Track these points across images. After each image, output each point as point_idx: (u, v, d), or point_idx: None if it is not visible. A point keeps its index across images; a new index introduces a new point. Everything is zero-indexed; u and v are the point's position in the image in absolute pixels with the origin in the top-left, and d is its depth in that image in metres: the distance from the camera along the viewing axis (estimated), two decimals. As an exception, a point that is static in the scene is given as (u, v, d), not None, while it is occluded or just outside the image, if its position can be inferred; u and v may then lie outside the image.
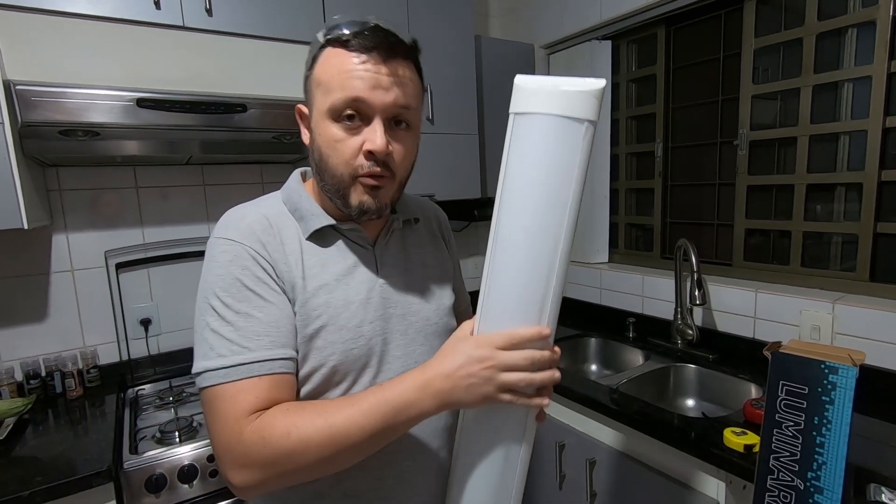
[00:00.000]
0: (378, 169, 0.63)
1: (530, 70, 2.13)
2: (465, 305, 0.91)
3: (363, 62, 0.61)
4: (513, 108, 0.56)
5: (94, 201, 1.54)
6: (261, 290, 0.62)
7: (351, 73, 0.61)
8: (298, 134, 1.42)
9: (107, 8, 1.19)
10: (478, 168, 1.91)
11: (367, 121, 0.63)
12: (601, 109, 0.55)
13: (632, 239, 2.07)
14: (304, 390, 0.66)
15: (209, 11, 1.31)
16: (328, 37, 0.63)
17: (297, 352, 0.64)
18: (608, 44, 1.95)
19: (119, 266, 1.57)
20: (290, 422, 0.57)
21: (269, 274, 0.63)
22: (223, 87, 1.33)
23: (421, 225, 0.82)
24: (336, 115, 0.62)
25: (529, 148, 0.55)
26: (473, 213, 2.05)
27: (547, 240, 0.57)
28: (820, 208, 1.48)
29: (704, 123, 1.76)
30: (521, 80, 0.55)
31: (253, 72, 1.39)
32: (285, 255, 0.65)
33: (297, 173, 0.75)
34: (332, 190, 0.66)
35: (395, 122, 0.64)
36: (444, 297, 0.79)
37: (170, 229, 1.65)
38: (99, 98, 1.15)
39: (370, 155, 0.62)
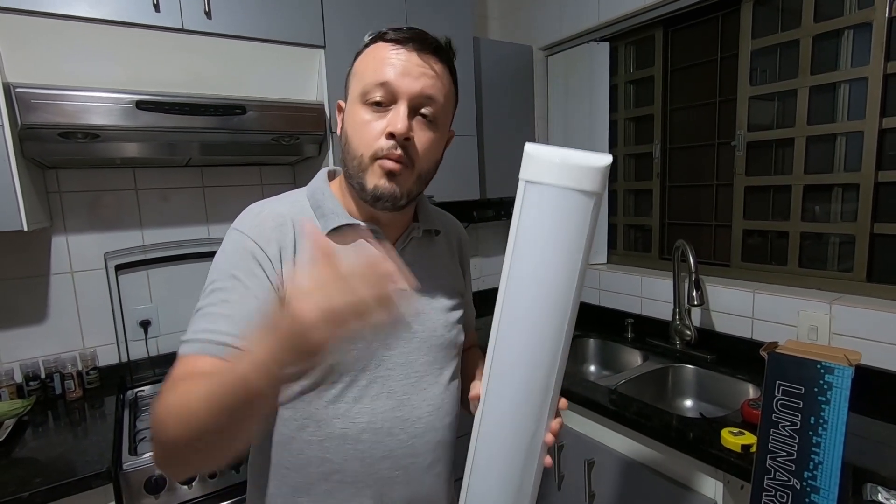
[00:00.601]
0: (397, 152, 0.64)
1: (528, 71, 2.14)
2: (471, 325, 0.90)
3: (396, 51, 0.65)
4: (523, 174, 0.58)
5: (93, 203, 1.54)
6: (248, 281, 0.63)
7: (384, 60, 0.65)
8: (297, 136, 1.45)
9: (106, 11, 1.20)
10: (476, 169, 1.91)
11: (393, 107, 0.65)
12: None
13: (630, 240, 2.08)
14: (299, 385, 0.67)
15: (208, 14, 1.31)
16: (371, 36, 0.68)
17: None
18: (606, 45, 1.95)
19: (118, 268, 1.57)
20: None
21: (263, 270, 0.64)
22: (222, 90, 1.34)
23: (441, 238, 0.82)
24: (365, 98, 0.65)
25: (539, 217, 0.58)
26: (472, 214, 2.05)
27: (555, 309, 0.59)
28: (818, 209, 1.49)
29: (702, 125, 1.76)
30: (531, 149, 0.58)
31: (252, 74, 1.40)
32: (293, 254, 0.66)
33: (324, 171, 0.76)
34: (353, 174, 0.67)
35: (422, 114, 0.66)
36: (453, 311, 0.79)
37: (169, 231, 1.65)
38: (98, 100, 1.15)
39: (391, 136, 0.64)
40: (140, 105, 1.19)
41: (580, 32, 1.96)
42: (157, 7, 1.25)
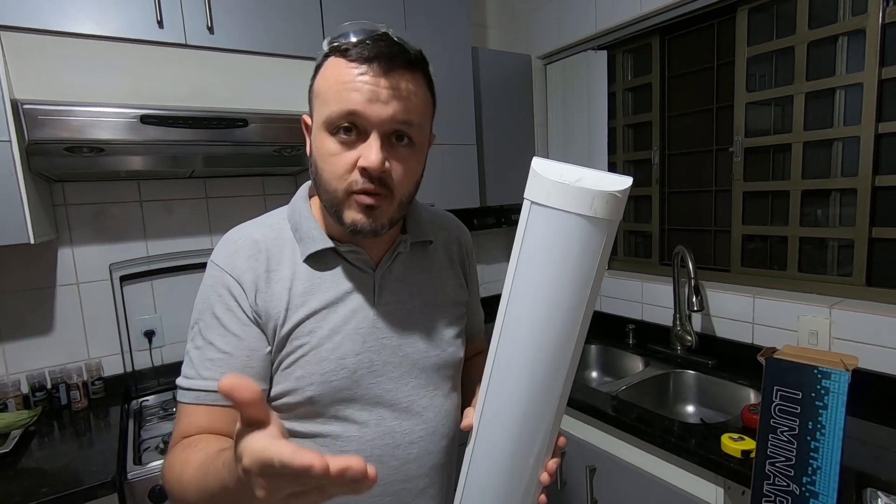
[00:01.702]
0: (372, 186, 0.59)
1: (527, 79, 2.16)
2: (479, 329, 0.87)
3: (361, 73, 0.57)
4: (529, 193, 0.51)
5: (98, 215, 1.56)
6: (227, 319, 0.63)
7: (348, 84, 0.57)
8: (298, 147, 1.47)
9: (111, 27, 1.22)
10: (476, 177, 1.93)
11: (364, 135, 0.59)
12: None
13: (631, 246, 2.09)
14: (287, 418, 0.65)
15: (210, 29, 1.34)
16: (332, 44, 0.60)
17: (268, 384, 0.65)
18: (604, 53, 1.97)
19: (123, 279, 1.59)
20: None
21: (240, 305, 0.63)
22: (225, 103, 1.36)
23: (437, 247, 0.76)
24: (332, 127, 0.59)
25: (544, 247, 0.51)
26: (473, 221, 2.07)
27: (557, 348, 0.53)
28: (818, 213, 1.49)
29: (700, 131, 1.78)
30: (539, 166, 0.50)
31: (253, 87, 1.42)
32: (269, 285, 0.64)
33: (304, 189, 0.72)
34: (328, 205, 0.63)
35: (397, 137, 0.60)
36: (450, 327, 0.74)
37: (173, 242, 1.67)
38: (103, 115, 1.17)
39: (364, 171, 0.59)
40: (144, 119, 1.21)
41: (578, 41, 1.98)
42: (160, 23, 1.27)
